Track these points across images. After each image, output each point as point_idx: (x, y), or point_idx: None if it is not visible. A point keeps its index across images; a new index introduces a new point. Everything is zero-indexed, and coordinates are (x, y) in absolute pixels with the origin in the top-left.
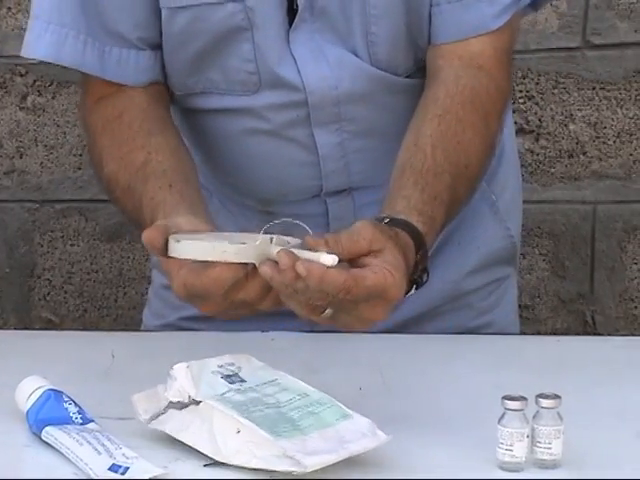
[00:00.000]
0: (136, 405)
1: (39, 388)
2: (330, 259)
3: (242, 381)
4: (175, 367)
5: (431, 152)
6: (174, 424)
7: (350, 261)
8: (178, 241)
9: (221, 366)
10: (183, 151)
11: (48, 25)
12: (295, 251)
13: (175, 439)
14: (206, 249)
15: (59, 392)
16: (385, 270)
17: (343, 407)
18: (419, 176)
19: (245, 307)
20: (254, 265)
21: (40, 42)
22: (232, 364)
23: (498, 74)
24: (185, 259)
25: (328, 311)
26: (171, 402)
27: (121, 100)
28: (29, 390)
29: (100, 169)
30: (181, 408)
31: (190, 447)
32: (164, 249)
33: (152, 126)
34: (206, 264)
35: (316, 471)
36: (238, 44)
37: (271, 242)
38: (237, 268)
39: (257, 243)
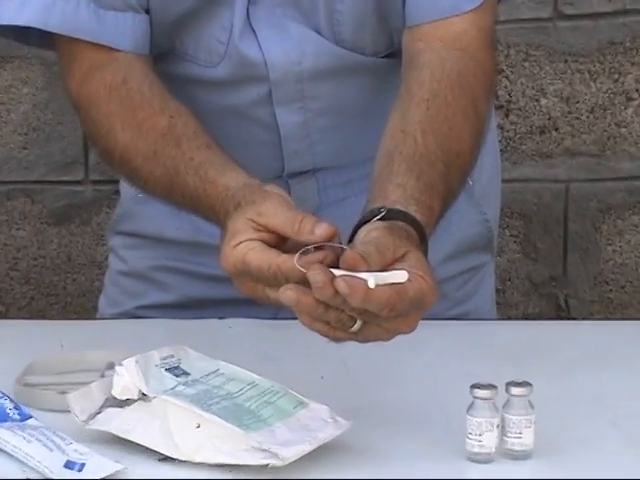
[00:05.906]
0: (72, 405)
1: None
2: (404, 275)
3: (186, 374)
4: (124, 362)
5: (422, 139)
6: (118, 424)
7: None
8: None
9: (163, 359)
10: (197, 115)
11: None
12: (334, 271)
13: None
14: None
15: None
16: (417, 276)
17: (297, 394)
18: (412, 163)
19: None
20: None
21: (25, 8)
22: (172, 356)
23: (483, 56)
24: None
25: (357, 325)
26: (112, 399)
27: (120, 67)
28: None
29: (109, 139)
30: (123, 406)
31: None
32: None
33: (163, 91)
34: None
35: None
36: (220, 10)
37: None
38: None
39: (103, 378)
